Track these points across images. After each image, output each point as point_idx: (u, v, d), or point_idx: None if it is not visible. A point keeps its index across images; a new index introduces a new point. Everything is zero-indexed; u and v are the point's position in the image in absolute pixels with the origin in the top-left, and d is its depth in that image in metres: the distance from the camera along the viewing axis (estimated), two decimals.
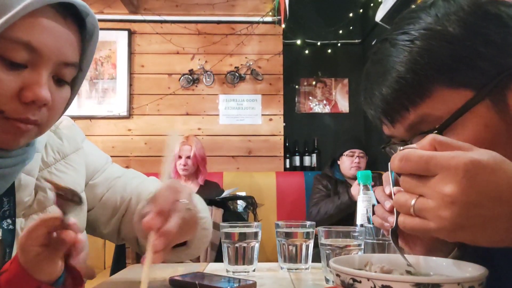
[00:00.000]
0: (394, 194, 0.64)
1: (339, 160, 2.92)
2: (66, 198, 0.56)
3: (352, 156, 2.83)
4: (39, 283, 0.55)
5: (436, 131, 0.55)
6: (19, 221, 0.71)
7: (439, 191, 0.42)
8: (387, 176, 0.60)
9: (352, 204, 2.58)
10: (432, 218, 0.43)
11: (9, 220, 0.69)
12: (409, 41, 0.57)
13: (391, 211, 0.60)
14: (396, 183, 0.66)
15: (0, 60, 0.60)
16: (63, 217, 0.55)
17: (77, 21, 0.68)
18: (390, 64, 0.58)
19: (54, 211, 0.76)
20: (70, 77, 0.69)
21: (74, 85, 0.72)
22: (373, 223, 0.91)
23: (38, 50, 0.61)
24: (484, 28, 0.55)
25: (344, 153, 2.86)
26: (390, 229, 0.56)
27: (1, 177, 0.67)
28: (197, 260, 2.19)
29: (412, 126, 0.58)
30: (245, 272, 0.92)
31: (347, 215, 2.60)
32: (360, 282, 0.45)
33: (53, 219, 0.55)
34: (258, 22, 3.53)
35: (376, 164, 3.29)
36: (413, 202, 0.45)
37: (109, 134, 3.44)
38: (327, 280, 0.84)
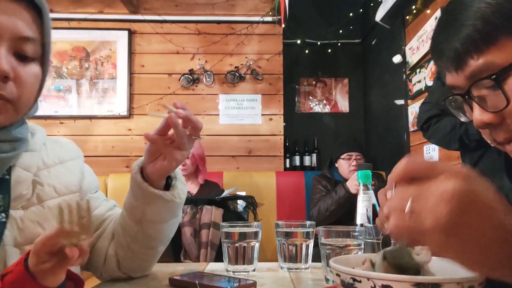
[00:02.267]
0: None
1: (336, 163, 2.89)
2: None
3: (350, 159, 2.80)
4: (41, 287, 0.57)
5: (495, 77, 0.55)
6: (19, 213, 0.75)
7: (439, 188, 0.42)
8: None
9: (350, 196, 2.58)
10: (428, 216, 0.42)
11: (3, 214, 0.74)
12: None
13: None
14: None
15: None
16: (79, 236, 0.56)
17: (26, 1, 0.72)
18: (461, 13, 0.60)
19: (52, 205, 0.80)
20: (32, 52, 0.72)
21: (43, 62, 0.75)
22: (373, 223, 0.91)
23: None
24: None
25: (341, 157, 2.84)
26: None
27: None
28: (197, 260, 2.19)
29: (473, 74, 0.59)
30: (245, 272, 0.92)
31: (347, 211, 2.60)
32: (360, 281, 0.45)
33: (72, 233, 0.56)
34: (258, 22, 3.53)
35: (376, 164, 3.29)
36: (409, 202, 0.44)
37: (109, 134, 3.44)
38: (327, 280, 0.84)
